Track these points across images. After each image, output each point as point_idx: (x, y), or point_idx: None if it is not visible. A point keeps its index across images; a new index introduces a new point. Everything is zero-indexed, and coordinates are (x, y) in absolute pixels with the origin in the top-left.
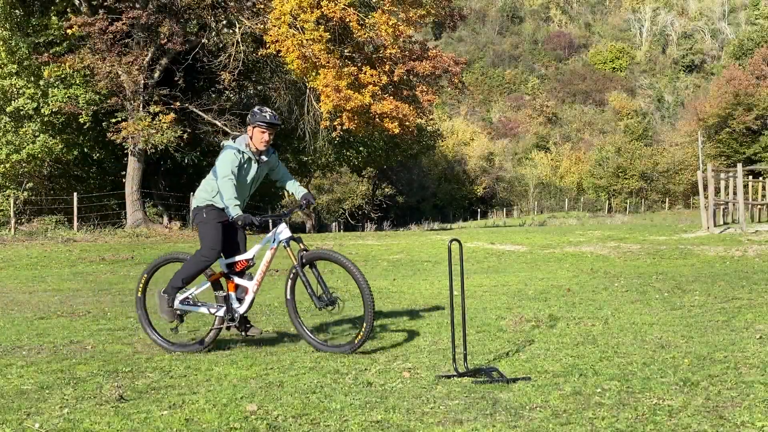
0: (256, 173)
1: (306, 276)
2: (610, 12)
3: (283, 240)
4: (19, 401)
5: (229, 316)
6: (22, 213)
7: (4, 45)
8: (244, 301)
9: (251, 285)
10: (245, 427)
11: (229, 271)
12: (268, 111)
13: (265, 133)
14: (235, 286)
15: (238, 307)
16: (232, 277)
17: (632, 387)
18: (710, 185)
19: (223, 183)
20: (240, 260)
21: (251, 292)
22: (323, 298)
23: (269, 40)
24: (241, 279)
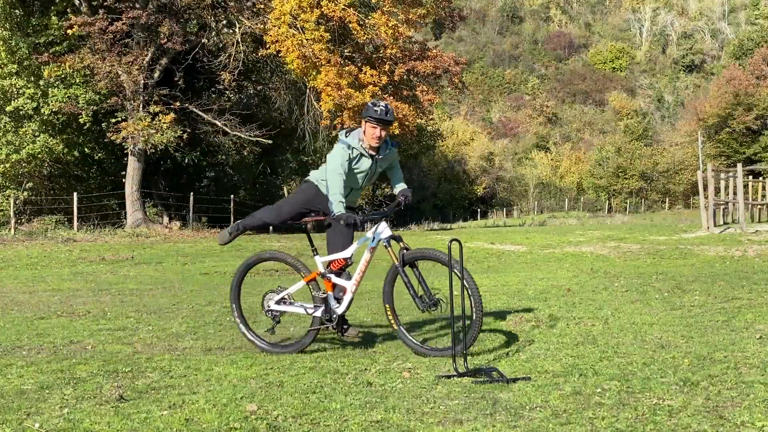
0: (369, 169)
1: (407, 276)
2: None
3: (384, 239)
4: (19, 401)
5: (327, 316)
6: (22, 213)
7: (4, 45)
8: (343, 301)
9: (349, 285)
10: (245, 427)
11: (327, 270)
12: (381, 105)
13: (377, 128)
14: (333, 285)
15: (336, 307)
16: (330, 276)
17: (632, 387)
18: (710, 185)
19: (332, 177)
20: (337, 258)
21: (349, 292)
22: (425, 299)
23: (269, 40)
24: (338, 278)
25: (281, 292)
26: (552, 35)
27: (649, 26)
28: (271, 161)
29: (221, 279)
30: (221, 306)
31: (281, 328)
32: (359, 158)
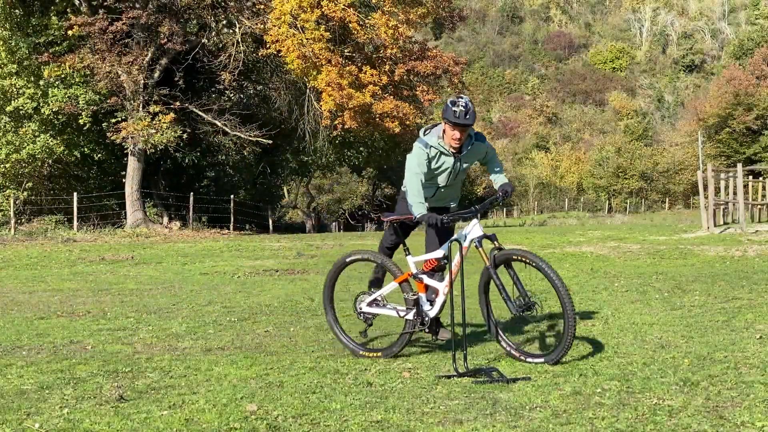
0: (452, 167)
1: (499, 278)
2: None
3: (475, 239)
4: (19, 401)
5: (419, 319)
6: (22, 213)
7: (4, 45)
8: (435, 303)
9: (441, 286)
10: (245, 427)
11: (418, 271)
12: (460, 106)
13: (455, 131)
14: (425, 287)
15: (428, 309)
16: (422, 277)
17: (632, 387)
18: (710, 185)
19: (409, 179)
20: (429, 259)
21: (441, 294)
22: (520, 302)
23: (270, 40)
24: (431, 279)
25: (373, 293)
26: (552, 35)
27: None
28: (271, 161)
29: (221, 279)
30: (221, 306)
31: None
32: (439, 156)
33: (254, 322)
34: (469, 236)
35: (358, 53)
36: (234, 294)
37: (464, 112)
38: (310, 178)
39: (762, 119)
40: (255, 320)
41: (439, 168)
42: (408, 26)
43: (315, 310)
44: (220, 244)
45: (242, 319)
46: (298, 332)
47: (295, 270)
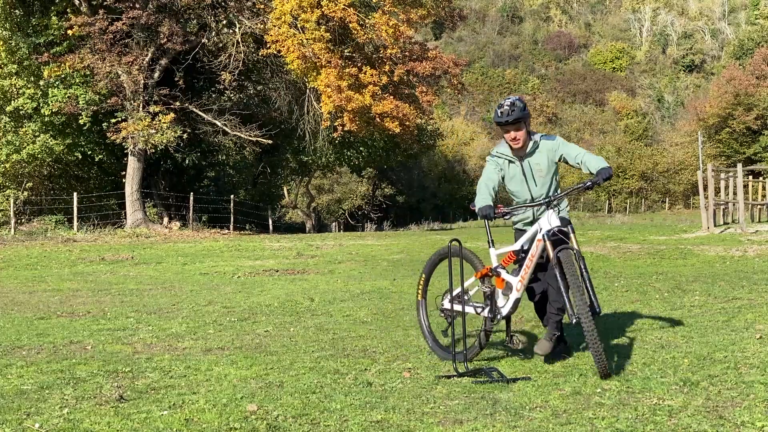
0: (524, 170)
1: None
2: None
3: (545, 231)
4: (19, 401)
5: (491, 315)
6: (22, 213)
7: (4, 45)
8: (509, 299)
9: (515, 282)
10: (245, 427)
11: (498, 265)
12: (505, 105)
13: (509, 132)
14: (504, 282)
15: (502, 306)
16: (500, 271)
17: (632, 387)
18: (710, 185)
19: (478, 185)
20: (508, 252)
21: (515, 290)
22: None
23: (270, 40)
24: (509, 275)
25: (455, 289)
26: (552, 35)
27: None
28: (271, 161)
29: (221, 279)
30: (221, 306)
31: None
32: (507, 165)
33: (254, 322)
34: (543, 228)
35: (358, 53)
36: (234, 294)
37: (507, 111)
38: (310, 178)
39: (762, 119)
40: (255, 320)
41: (510, 175)
42: (408, 26)
43: (315, 310)
44: (220, 244)
45: (242, 319)
46: (298, 332)
47: (295, 270)
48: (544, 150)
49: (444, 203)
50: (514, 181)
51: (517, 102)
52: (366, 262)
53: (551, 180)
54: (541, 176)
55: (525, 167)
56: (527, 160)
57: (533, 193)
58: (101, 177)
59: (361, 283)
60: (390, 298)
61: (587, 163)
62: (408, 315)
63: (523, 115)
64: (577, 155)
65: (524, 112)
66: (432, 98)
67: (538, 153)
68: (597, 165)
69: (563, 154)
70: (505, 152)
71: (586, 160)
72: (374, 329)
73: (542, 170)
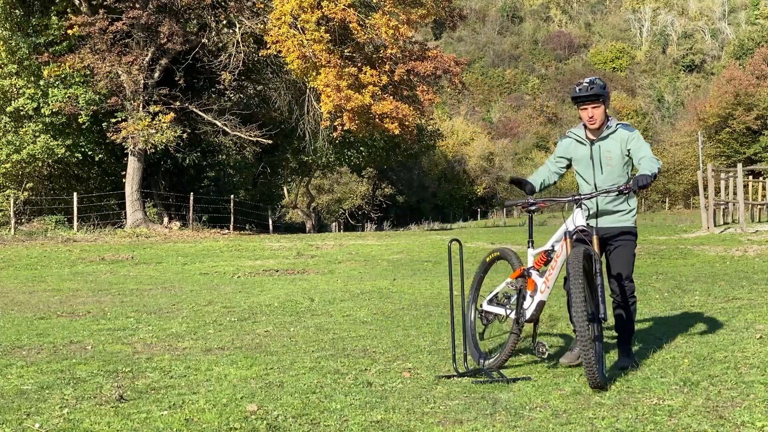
0: (590, 154)
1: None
2: (610, 12)
3: (569, 231)
4: (19, 401)
5: (516, 318)
6: (22, 213)
7: (5, 45)
8: (532, 301)
9: (540, 283)
10: (245, 427)
11: (531, 267)
12: (584, 82)
13: (586, 108)
14: (533, 284)
15: (526, 308)
16: (531, 272)
17: (632, 387)
18: (710, 185)
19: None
20: (540, 252)
21: (538, 292)
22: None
23: (270, 40)
24: (537, 276)
25: (494, 289)
26: (552, 35)
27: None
28: (271, 161)
29: (221, 279)
30: (221, 306)
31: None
32: (575, 146)
33: (254, 322)
34: (569, 227)
35: (357, 53)
36: (234, 294)
37: (586, 87)
38: (310, 178)
39: (762, 119)
40: (255, 320)
41: (575, 158)
42: (409, 26)
43: (315, 310)
44: (220, 244)
45: (242, 319)
46: (298, 332)
47: (295, 270)
48: (618, 138)
49: (444, 203)
50: (581, 165)
51: (597, 80)
52: (366, 262)
53: (621, 171)
54: (609, 165)
55: (594, 151)
56: (598, 143)
57: (597, 181)
58: (101, 177)
59: (361, 283)
60: (390, 298)
61: (640, 166)
62: (408, 315)
63: (603, 93)
64: (641, 156)
65: (604, 90)
66: (432, 97)
67: (611, 139)
68: (641, 171)
69: (631, 149)
70: (578, 133)
71: (642, 163)
72: (374, 329)
73: (612, 158)
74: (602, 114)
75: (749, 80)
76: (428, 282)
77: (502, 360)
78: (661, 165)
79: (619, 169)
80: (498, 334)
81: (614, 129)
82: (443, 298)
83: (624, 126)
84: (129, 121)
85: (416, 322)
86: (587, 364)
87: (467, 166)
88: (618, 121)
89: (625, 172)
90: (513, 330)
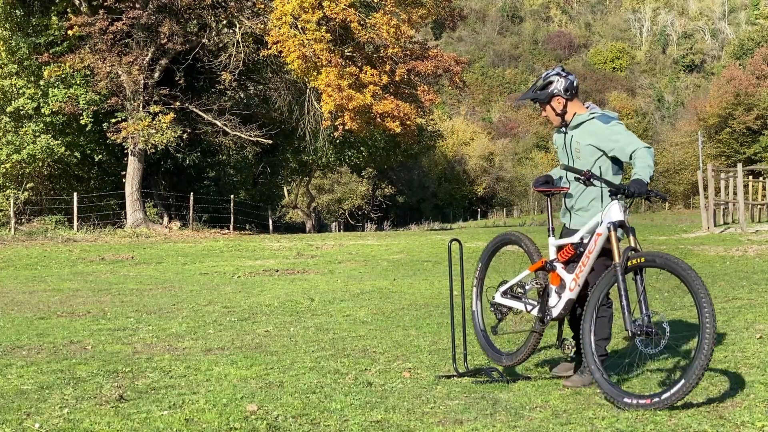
0: (564, 143)
1: (625, 284)
2: (610, 12)
3: (609, 223)
4: (19, 401)
5: (540, 315)
6: (22, 213)
7: (5, 45)
8: (561, 299)
9: (569, 280)
10: (245, 427)
11: (555, 259)
12: (540, 78)
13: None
14: (559, 279)
15: (553, 306)
16: (556, 265)
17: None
18: (710, 185)
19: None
20: (566, 245)
21: (567, 290)
22: (638, 322)
23: (271, 40)
24: (564, 271)
25: (508, 281)
26: (552, 35)
27: (649, 26)
28: (272, 161)
29: (221, 279)
30: (221, 306)
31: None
32: (557, 135)
33: (254, 322)
34: (605, 219)
35: (358, 53)
36: (234, 294)
37: (533, 87)
38: (311, 178)
39: (762, 119)
40: (255, 320)
41: (558, 147)
42: (409, 26)
43: (315, 310)
44: (220, 244)
45: (242, 319)
46: (298, 332)
47: (295, 270)
48: (590, 130)
49: (444, 203)
50: (559, 154)
51: (549, 75)
52: (366, 262)
53: (592, 165)
54: (578, 157)
55: (567, 140)
56: (571, 132)
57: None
58: (101, 177)
59: (361, 283)
60: (390, 298)
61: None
62: (408, 315)
63: (538, 96)
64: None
65: (543, 91)
66: (433, 97)
67: (582, 129)
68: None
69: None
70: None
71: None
72: (374, 329)
73: (579, 150)
74: (554, 111)
75: (749, 80)
76: (428, 282)
77: (519, 360)
78: (653, 153)
79: (588, 163)
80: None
81: (588, 118)
82: (443, 298)
83: (601, 117)
84: (129, 121)
85: (416, 322)
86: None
87: (467, 166)
88: (599, 110)
89: (599, 166)
90: (535, 329)
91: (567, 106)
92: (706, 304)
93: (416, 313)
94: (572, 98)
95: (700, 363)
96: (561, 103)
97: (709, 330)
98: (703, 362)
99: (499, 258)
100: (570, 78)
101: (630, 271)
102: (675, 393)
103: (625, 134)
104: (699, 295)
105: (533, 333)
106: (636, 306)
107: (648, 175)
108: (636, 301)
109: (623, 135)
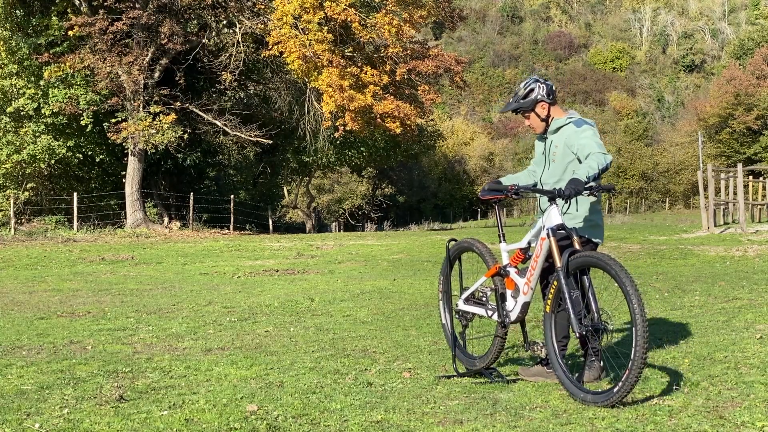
0: (542, 149)
1: (569, 287)
2: (610, 12)
3: (548, 229)
4: (19, 401)
5: (500, 320)
6: (22, 213)
7: (5, 45)
8: (516, 303)
9: (521, 284)
10: (245, 427)
11: (507, 264)
12: (519, 89)
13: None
14: (513, 283)
15: (510, 310)
16: (509, 271)
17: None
18: (710, 185)
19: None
20: (516, 249)
21: (521, 294)
22: (585, 321)
23: (272, 41)
24: (519, 276)
25: (470, 288)
26: (552, 35)
27: (649, 26)
28: (272, 161)
29: (221, 279)
30: (221, 306)
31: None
32: (538, 143)
33: (254, 322)
34: (546, 224)
35: (358, 53)
36: (234, 294)
37: (514, 98)
38: (311, 178)
39: (762, 119)
40: (255, 320)
41: (537, 154)
42: (411, 26)
43: (315, 310)
44: (220, 244)
45: (242, 319)
46: (298, 332)
47: (295, 270)
48: (566, 133)
49: (444, 203)
50: (538, 160)
51: (529, 83)
52: (366, 262)
53: (565, 167)
54: (554, 160)
55: (546, 145)
56: (550, 137)
57: (543, 176)
58: (102, 177)
59: (361, 283)
60: (390, 298)
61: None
62: (408, 315)
63: (520, 105)
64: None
65: (523, 101)
66: (434, 97)
67: (560, 133)
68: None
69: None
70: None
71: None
72: (374, 329)
73: (556, 153)
74: (538, 118)
75: (749, 80)
76: (428, 282)
77: (488, 364)
78: (610, 161)
79: (562, 166)
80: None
81: (565, 123)
82: None
83: (576, 121)
84: (129, 121)
85: (416, 322)
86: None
87: (467, 166)
88: (578, 116)
89: (572, 170)
90: (498, 333)
91: (550, 110)
92: (634, 299)
93: (416, 313)
94: (554, 102)
95: (637, 356)
96: (545, 108)
97: (639, 324)
98: (639, 355)
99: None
100: (548, 83)
101: (573, 272)
102: (621, 387)
103: (589, 138)
104: (627, 290)
105: (496, 338)
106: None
107: (586, 175)
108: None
109: (587, 139)
